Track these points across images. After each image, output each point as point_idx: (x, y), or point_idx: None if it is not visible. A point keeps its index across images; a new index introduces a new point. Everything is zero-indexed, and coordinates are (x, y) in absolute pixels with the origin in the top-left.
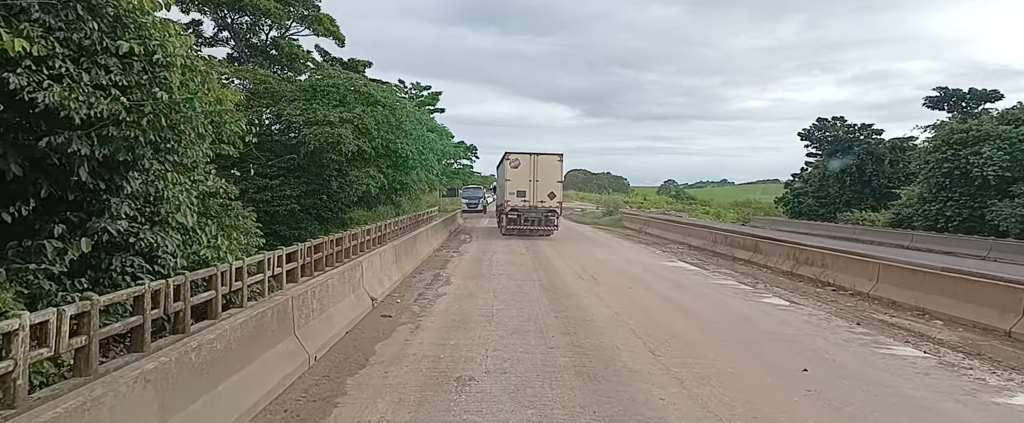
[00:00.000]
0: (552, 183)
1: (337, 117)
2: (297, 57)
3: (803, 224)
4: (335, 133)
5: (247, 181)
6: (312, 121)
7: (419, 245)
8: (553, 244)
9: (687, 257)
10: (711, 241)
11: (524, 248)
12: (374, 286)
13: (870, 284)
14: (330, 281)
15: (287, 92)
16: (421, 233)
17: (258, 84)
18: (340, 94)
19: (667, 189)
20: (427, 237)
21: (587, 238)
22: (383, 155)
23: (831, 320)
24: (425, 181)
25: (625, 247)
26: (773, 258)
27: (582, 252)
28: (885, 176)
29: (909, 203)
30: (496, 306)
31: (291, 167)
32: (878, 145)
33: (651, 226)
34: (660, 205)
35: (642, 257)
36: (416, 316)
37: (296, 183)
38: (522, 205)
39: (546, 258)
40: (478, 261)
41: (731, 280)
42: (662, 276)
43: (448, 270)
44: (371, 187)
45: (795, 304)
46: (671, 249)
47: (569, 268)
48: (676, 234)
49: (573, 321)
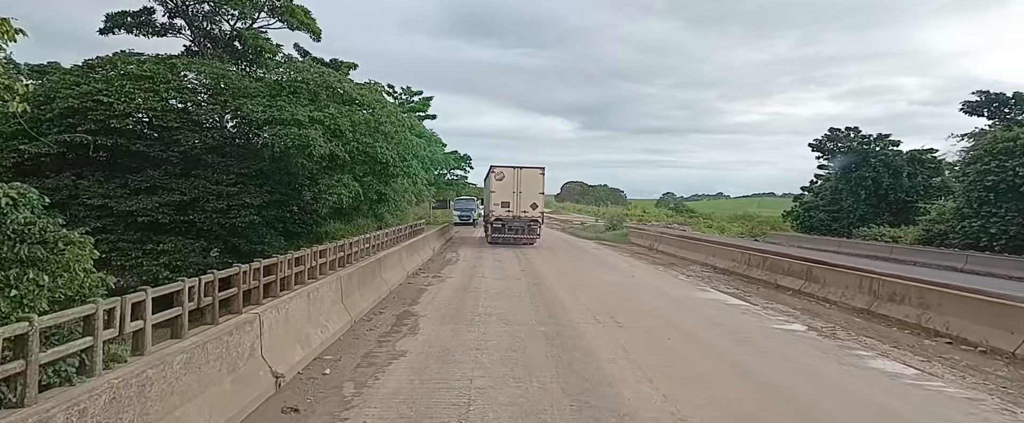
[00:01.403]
0: (534, 195)
1: (306, 116)
2: (264, 50)
3: (823, 240)
4: (303, 134)
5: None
6: (277, 120)
7: (387, 271)
8: (555, 264)
9: (720, 284)
10: (743, 263)
11: (520, 271)
12: (289, 348)
13: (1015, 340)
14: (168, 368)
15: (250, 89)
16: (390, 255)
17: (215, 79)
18: (310, 91)
19: (665, 202)
20: (400, 259)
21: (593, 257)
22: (360, 161)
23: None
24: (410, 191)
25: (640, 269)
26: (836, 290)
27: (591, 276)
28: (903, 190)
29: (942, 219)
30: (479, 380)
31: (253, 173)
32: (895, 157)
33: (662, 243)
34: (660, 218)
35: (666, 284)
36: (343, 408)
37: (258, 191)
38: (506, 215)
39: (548, 287)
40: (462, 291)
41: (796, 324)
42: (703, 316)
43: (420, 306)
44: (343, 197)
45: (928, 375)
46: (694, 272)
47: (579, 302)
48: (694, 252)
49: (602, 415)
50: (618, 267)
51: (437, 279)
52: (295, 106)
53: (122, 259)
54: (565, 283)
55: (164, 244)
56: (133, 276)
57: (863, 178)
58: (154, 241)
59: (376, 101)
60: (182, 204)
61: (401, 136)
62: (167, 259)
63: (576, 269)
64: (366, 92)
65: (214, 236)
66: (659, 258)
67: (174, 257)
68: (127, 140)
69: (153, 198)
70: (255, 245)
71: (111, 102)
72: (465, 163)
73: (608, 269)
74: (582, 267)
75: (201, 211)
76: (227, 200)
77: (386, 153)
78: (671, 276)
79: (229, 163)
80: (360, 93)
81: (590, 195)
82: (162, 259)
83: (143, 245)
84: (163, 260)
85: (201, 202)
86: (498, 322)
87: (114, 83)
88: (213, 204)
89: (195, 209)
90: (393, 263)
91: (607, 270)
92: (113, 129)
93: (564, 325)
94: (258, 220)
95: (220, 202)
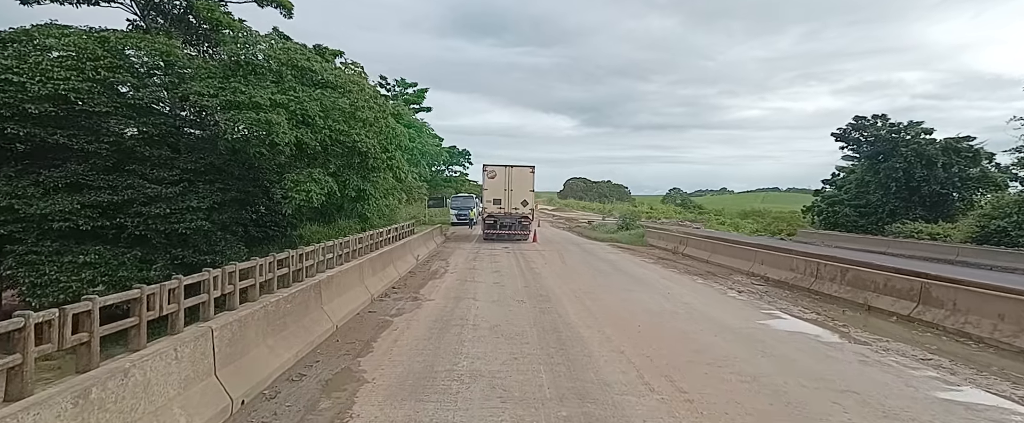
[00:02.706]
0: (525, 192)
1: (267, 99)
2: (222, 25)
3: (866, 240)
4: (263, 120)
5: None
6: (232, 104)
7: (339, 296)
8: (567, 276)
9: (789, 305)
10: (808, 274)
11: (522, 288)
12: None
13: None
14: None
15: (202, 68)
16: (343, 273)
17: (155, 56)
18: (273, 71)
19: (672, 197)
20: (361, 276)
21: (612, 265)
22: (335, 153)
23: None
24: (397, 187)
25: (675, 283)
26: (982, 321)
27: (617, 296)
28: (937, 181)
29: (1001, 212)
30: None
31: (203, 169)
32: (928, 146)
33: (690, 245)
34: (669, 215)
35: (718, 306)
36: None
37: (208, 190)
38: (498, 211)
39: (563, 316)
40: (441, 326)
41: (972, 390)
42: (806, 371)
43: (371, 358)
44: (314, 194)
45: None
46: (743, 286)
47: (611, 344)
48: (732, 258)
49: None
50: (647, 280)
51: (413, 303)
52: (254, 88)
53: (32, 275)
54: (584, 308)
55: (87, 256)
56: (48, 297)
57: (893, 169)
58: (75, 252)
59: (353, 83)
60: (111, 206)
61: (382, 123)
62: (91, 274)
63: (595, 284)
64: (341, 73)
65: (154, 246)
66: (691, 265)
67: (100, 271)
68: (45, 129)
69: (74, 198)
70: (205, 256)
71: (23, 82)
72: (464, 159)
73: (635, 284)
74: (602, 281)
75: (135, 215)
76: (169, 202)
77: (364, 142)
78: (718, 293)
79: (174, 157)
80: (334, 74)
81: (593, 191)
82: (85, 274)
83: (61, 257)
84: (86, 275)
85: (136, 204)
86: (487, 393)
87: (29, 60)
88: (152, 207)
89: (128, 212)
90: (348, 284)
91: (634, 285)
92: (28, 115)
93: (597, 400)
94: (208, 226)
95: (159, 205)
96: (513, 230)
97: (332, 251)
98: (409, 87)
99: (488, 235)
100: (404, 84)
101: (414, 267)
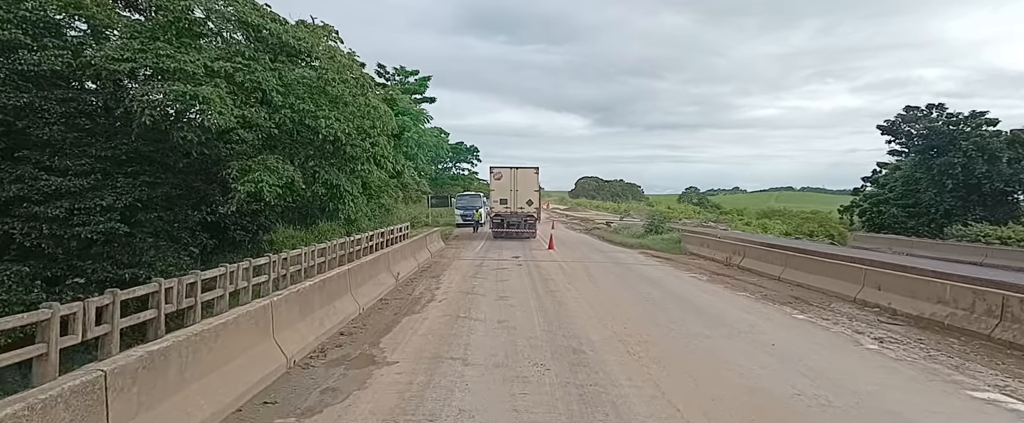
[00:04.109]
0: (529, 192)
1: (199, 65)
2: None
3: (946, 247)
4: (192, 93)
5: None
6: (154, 70)
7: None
8: (610, 314)
9: (992, 373)
10: (984, 312)
11: (545, 339)
12: None
13: None
14: None
15: (130, 28)
16: (232, 325)
17: (59, 8)
18: (214, 32)
19: (688, 196)
20: (264, 328)
21: (661, 287)
22: (298, 139)
23: None
24: (390, 184)
25: (767, 320)
26: None
27: (690, 348)
28: (1002, 178)
29: None
30: None
31: (124, 158)
32: (992, 138)
33: (748, 255)
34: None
35: (869, 377)
36: None
37: (129, 185)
38: (504, 211)
39: (627, 417)
40: None
41: None
42: None
43: None
44: (265, 187)
45: None
46: (866, 324)
47: None
48: (823, 276)
49: None
50: (721, 314)
51: (354, 374)
52: (185, 52)
53: None
54: (648, 379)
55: None
56: None
57: (950, 165)
58: None
59: (322, 52)
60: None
61: (360, 102)
62: None
63: (648, 322)
64: (307, 36)
65: (51, 258)
66: (762, 285)
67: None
68: None
69: None
70: (124, 270)
71: None
72: (473, 155)
73: (707, 322)
74: (656, 315)
75: (25, 217)
76: (74, 199)
77: (334, 126)
78: (846, 343)
79: (89, 141)
80: (295, 37)
81: (605, 190)
82: None
83: None
84: None
85: (27, 202)
86: None
87: None
88: (48, 207)
89: (15, 214)
90: (229, 350)
91: (707, 324)
92: None
93: None
94: (126, 229)
95: (58, 203)
96: (520, 228)
97: (222, 285)
98: (410, 76)
99: (497, 233)
100: (404, 72)
101: (390, 290)
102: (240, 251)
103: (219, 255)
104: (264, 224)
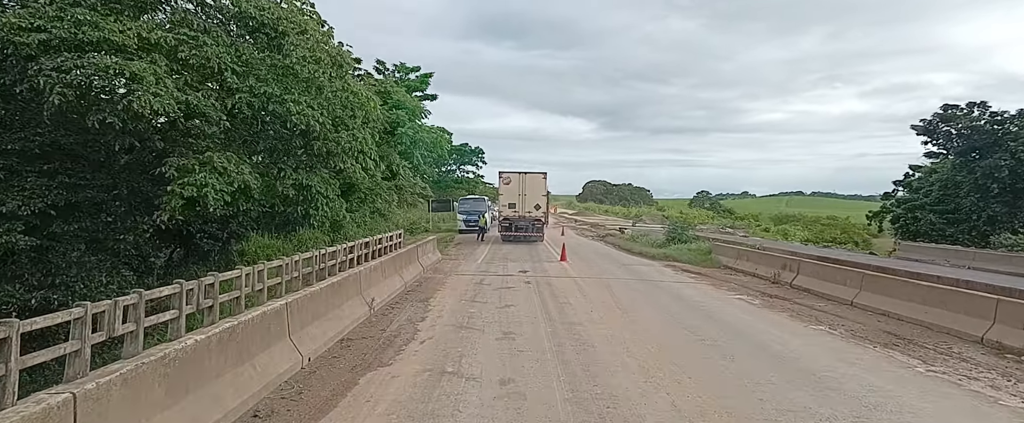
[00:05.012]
0: (537, 197)
1: (133, 36)
2: None
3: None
4: (116, 68)
5: None
6: (67, 43)
7: None
8: (656, 366)
9: None
10: None
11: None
12: None
13: None
14: None
15: None
16: None
17: None
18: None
19: (700, 201)
20: (175, 400)
21: (710, 318)
22: (266, 133)
23: None
24: (383, 186)
25: (884, 379)
26: None
27: None
28: None
29: None
30: None
31: (36, 152)
32: None
33: (802, 273)
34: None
35: None
36: None
37: (42, 187)
38: (513, 215)
39: None
40: None
41: None
42: None
43: None
44: (209, 192)
45: None
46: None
47: None
48: (921, 306)
49: None
50: (810, 366)
51: None
52: (112, 20)
53: None
54: None
55: None
56: None
57: (995, 167)
58: None
59: (293, 26)
60: None
61: (337, 86)
62: None
63: (712, 382)
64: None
65: None
66: (840, 315)
67: None
68: None
69: None
70: (36, 292)
71: None
72: (478, 157)
73: (790, 379)
74: (726, 371)
75: None
76: None
77: (305, 114)
78: None
79: None
80: (257, 7)
81: (613, 194)
82: None
83: None
84: None
85: None
86: None
87: None
88: None
89: None
90: None
91: (792, 382)
92: None
93: None
94: (36, 242)
95: None
96: (528, 231)
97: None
98: (411, 72)
99: (505, 236)
100: (404, 69)
101: (358, 325)
102: (208, 264)
103: (184, 268)
104: (236, 232)
